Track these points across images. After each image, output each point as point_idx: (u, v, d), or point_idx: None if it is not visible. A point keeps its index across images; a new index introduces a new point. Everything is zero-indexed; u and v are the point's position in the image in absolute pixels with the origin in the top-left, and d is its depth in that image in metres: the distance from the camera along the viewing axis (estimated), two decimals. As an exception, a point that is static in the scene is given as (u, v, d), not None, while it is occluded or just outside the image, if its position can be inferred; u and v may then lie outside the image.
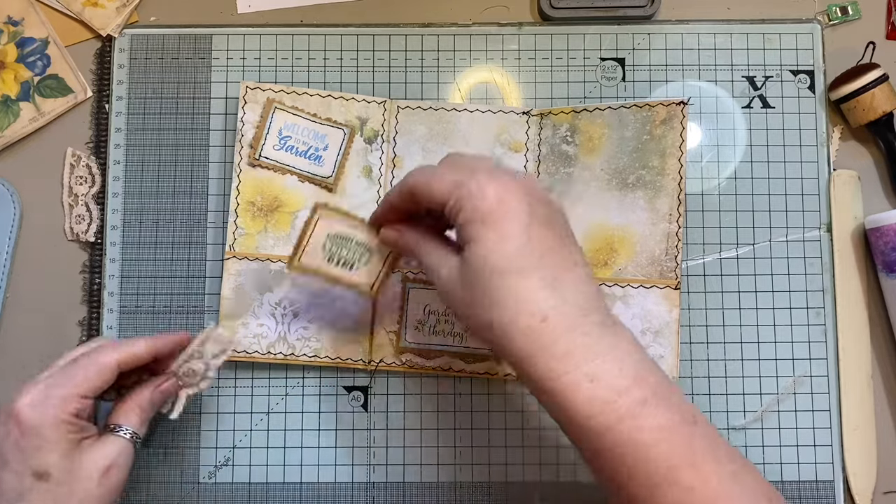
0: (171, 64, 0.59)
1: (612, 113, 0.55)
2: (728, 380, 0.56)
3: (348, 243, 0.48)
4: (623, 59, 0.59)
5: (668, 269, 0.53)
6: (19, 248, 0.57)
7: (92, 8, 0.59)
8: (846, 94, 0.56)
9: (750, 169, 0.58)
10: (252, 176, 0.56)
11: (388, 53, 0.59)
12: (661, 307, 0.53)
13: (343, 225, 0.48)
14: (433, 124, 0.57)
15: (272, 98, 0.56)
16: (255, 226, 0.55)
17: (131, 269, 0.57)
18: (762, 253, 0.57)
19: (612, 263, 0.54)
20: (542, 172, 0.56)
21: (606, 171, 0.55)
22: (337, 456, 0.55)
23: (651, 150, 0.54)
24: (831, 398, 0.56)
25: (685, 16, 0.59)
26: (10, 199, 0.57)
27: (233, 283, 0.55)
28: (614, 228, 0.54)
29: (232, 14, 0.59)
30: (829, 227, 0.57)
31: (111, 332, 0.56)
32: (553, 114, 0.57)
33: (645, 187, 0.54)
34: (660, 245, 0.54)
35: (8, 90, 0.58)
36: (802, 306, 0.56)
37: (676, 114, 0.54)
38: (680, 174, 0.54)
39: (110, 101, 0.58)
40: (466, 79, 0.59)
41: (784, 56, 0.58)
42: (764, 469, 0.55)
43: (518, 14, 0.59)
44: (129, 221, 0.57)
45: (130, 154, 0.58)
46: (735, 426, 0.56)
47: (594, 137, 0.55)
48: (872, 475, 0.55)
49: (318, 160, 0.56)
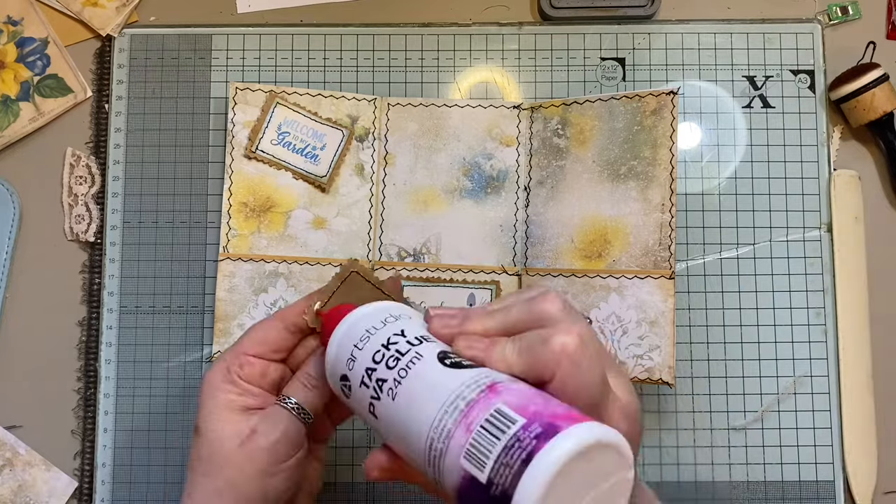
0: (171, 64, 0.59)
1: (603, 105, 0.55)
2: (728, 380, 0.56)
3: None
4: (623, 58, 0.59)
5: (661, 259, 0.53)
6: (19, 248, 0.57)
7: (92, 8, 0.59)
8: (846, 94, 0.56)
9: (750, 169, 0.58)
10: (244, 176, 0.56)
11: (387, 53, 0.59)
12: (655, 297, 0.53)
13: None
14: (424, 121, 0.57)
15: (275, 92, 0.56)
16: (247, 226, 0.55)
17: (131, 269, 0.57)
18: (762, 253, 0.57)
19: (606, 255, 0.54)
20: (535, 166, 0.56)
21: (598, 162, 0.55)
22: (337, 456, 0.55)
23: (642, 141, 0.54)
24: (831, 398, 0.56)
25: (685, 15, 0.59)
26: (10, 199, 0.57)
27: (227, 284, 0.55)
28: (607, 220, 0.54)
29: (232, 14, 0.59)
30: (830, 227, 0.57)
31: (111, 332, 0.56)
32: (544, 107, 0.57)
33: (637, 178, 0.54)
34: (653, 235, 0.53)
35: (8, 90, 0.58)
36: (803, 306, 0.56)
37: (666, 103, 0.54)
38: (671, 164, 0.53)
39: (110, 101, 0.58)
40: (466, 78, 0.59)
41: (784, 56, 0.58)
42: (764, 469, 0.55)
43: (518, 14, 0.59)
44: (128, 221, 0.57)
45: (130, 154, 0.58)
46: (735, 426, 0.55)
47: (585, 130, 0.55)
48: (873, 475, 0.55)
49: (315, 159, 0.56)
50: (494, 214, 0.56)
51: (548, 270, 0.55)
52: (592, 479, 0.29)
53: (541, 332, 0.34)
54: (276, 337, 0.43)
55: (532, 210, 0.56)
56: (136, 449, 0.55)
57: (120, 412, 0.56)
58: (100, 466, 0.55)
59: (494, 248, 0.56)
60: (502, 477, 0.28)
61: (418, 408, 0.32)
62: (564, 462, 0.28)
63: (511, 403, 0.30)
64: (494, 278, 0.56)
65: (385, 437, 0.35)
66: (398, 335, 0.36)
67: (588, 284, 0.54)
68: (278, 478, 0.41)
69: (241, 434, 0.41)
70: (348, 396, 0.37)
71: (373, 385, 0.35)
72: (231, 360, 0.42)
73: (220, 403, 0.42)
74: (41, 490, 0.55)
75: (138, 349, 0.56)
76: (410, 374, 0.34)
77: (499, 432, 0.29)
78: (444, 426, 0.31)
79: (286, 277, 0.55)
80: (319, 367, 0.43)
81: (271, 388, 0.43)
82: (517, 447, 0.28)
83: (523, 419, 0.29)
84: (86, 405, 0.56)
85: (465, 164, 0.57)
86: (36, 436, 0.56)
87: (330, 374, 0.38)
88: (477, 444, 0.30)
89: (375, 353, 0.35)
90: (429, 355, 0.34)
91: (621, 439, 0.29)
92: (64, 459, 0.56)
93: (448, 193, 0.57)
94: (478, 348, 0.35)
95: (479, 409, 0.31)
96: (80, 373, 0.56)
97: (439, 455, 0.31)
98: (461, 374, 0.33)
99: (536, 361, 0.33)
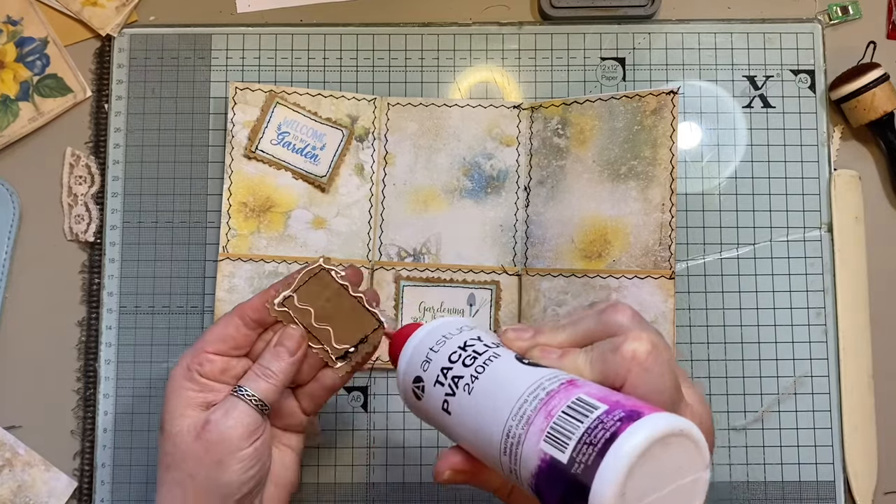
0: (171, 64, 0.58)
1: (603, 104, 0.55)
2: (728, 380, 0.56)
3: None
4: (623, 58, 0.59)
5: (662, 259, 0.53)
6: (19, 248, 0.57)
7: (91, 7, 0.58)
8: (847, 94, 0.56)
9: (750, 169, 0.57)
10: (244, 176, 0.56)
11: (387, 53, 0.59)
12: (655, 297, 0.53)
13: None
14: (424, 120, 0.57)
15: (275, 92, 0.56)
16: (247, 226, 0.55)
17: (131, 269, 0.57)
18: (763, 253, 0.57)
19: (607, 255, 0.54)
20: (535, 166, 0.56)
21: (598, 162, 0.55)
22: (337, 456, 0.55)
23: (642, 141, 0.54)
24: (832, 398, 0.56)
25: (685, 15, 0.59)
26: (10, 199, 0.57)
27: (227, 284, 0.55)
28: (608, 220, 0.54)
29: (231, 14, 0.59)
30: (830, 226, 0.57)
31: (111, 332, 0.56)
32: (544, 107, 0.57)
33: (637, 178, 0.54)
34: (653, 235, 0.53)
35: (7, 90, 0.58)
36: (803, 306, 0.56)
37: (666, 103, 0.54)
38: (671, 164, 0.53)
39: (109, 101, 0.58)
40: (466, 78, 0.59)
41: (785, 56, 0.58)
42: (764, 469, 0.55)
43: (518, 13, 0.59)
44: (128, 221, 0.57)
45: (130, 154, 0.58)
46: (735, 426, 0.55)
47: (585, 129, 0.55)
48: (873, 475, 0.55)
49: (314, 159, 0.56)
50: (494, 214, 0.56)
51: (548, 270, 0.55)
52: (671, 472, 0.29)
53: (612, 341, 0.34)
54: (236, 333, 0.44)
55: (532, 210, 0.56)
56: (135, 449, 0.55)
57: (120, 412, 0.56)
58: (99, 466, 0.55)
59: (494, 248, 0.56)
60: (584, 455, 0.28)
61: (496, 399, 0.33)
62: (649, 443, 0.28)
63: (592, 394, 0.31)
64: (494, 278, 0.56)
65: (457, 436, 0.36)
66: (475, 340, 0.37)
67: (588, 284, 0.53)
68: (236, 468, 0.42)
69: (196, 427, 0.42)
70: (420, 398, 0.37)
71: (448, 382, 0.35)
72: (191, 358, 0.44)
73: (182, 401, 0.43)
74: (41, 490, 0.55)
75: (138, 349, 0.56)
76: (488, 370, 0.34)
77: (582, 416, 0.30)
78: (524, 413, 0.31)
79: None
80: (275, 357, 0.44)
81: (234, 383, 0.44)
82: (601, 428, 0.29)
83: (606, 406, 0.30)
84: (85, 405, 0.56)
85: (465, 164, 0.57)
86: (35, 436, 0.56)
87: (402, 381, 0.39)
88: (559, 427, 0.30)
89: (452, 354, 0.36)
90: (506, 355, 0.35)
91: (702, 436, 0.30)
92: (63, 459, 0.56)
93: (448, 193, 0.56)
94: (551, 358, 0.35)
95: (560, 398, 0.31)
96: (80, 373, 0.56)
97: (517, 442, 0.31)
98: (540, 371, 0.33)
99: (608, 369, 0.33)
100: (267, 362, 0.44)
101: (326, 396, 0.47)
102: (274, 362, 0.44)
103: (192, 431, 0.42)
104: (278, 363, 0.44)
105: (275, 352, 0.44)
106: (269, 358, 0.44)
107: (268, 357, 0.44)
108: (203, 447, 0.42)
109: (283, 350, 0.44)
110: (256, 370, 0.44)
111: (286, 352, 0.44)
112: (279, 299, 0.44)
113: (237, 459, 0.42)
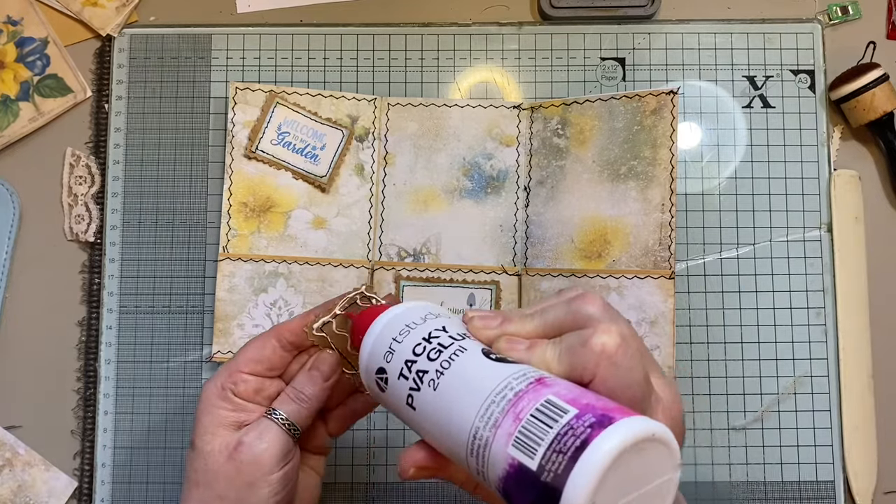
0: (171, 64, 0.58)
1: (603, 104, 0.55)
2: (728, 380, 0.56)
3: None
4: (623, 58, 0.59)
5: (661, 259, 0.53)
6: (19, 248, 0.57)
7: (91, 8, 0.59)
8: (846, 94, 0.56)
9: (750, 169, 0.57)
10: (244, 176, 0.56)
11: (387, 53, 0.59)
12: (655, 297, 0.53)
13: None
14: (424, 120, 0.57)
15: (275, 92, 0.56)
16: (247, 227, 0.55)
17: (131, 269, 0.57)
18: (762, 253, 0.57)
19: (606, 255, 0.54)
20: (535, 166, 0.56)
21: (598, 162, 0.55)
22: (337, 456, 0.55)
23: (642, 141, 0.54)
24: (832, 398, 0.56)
25: (685, 15, 0.59)
26: (10, 199, 0.57)
27: (227, 284, 0.55)
28: (607, 220, 0.54)
29: (231, 14, 0.59)
30: (830, 227, 0.57)
31: (111, 332, 0.56)
32: (544, 107, 0.57)
33: (637, 178, 0.54)
34: (653, 235, 0.53)
35: (7, 90, 0.58)
36: (803, 306, 0.56)
37: (666, 103, 0.54)
38: (671, 164, 0.53)
39: (110, 101, 0.58)
40: (466, 78, 0.59)
41: (784, 56, 0.58)
42: (764, 469, 0.55)
43: (518, 13, 0.59)
44: (128, 221, 0.57)
45: (130, 154, 0.58)
46: (735, 426, 0.55)
47: (585, 130, 0.55)
48: (873, 475, 0.55)
49: (315, 159, 0.56)
50: (494, 214, 0.56)
51: (548, 270, 0.55)
52: (641, 476, 0.28)
53: (580, 333, 0.33)
54: (271, 354, 0.44)
55: (532, 210, 0.56)
56: (135, 449, 0.55)
57: (120, 412, 0.56)
58: (99, 466, 0.55)
59: (494, 248, 0.56)
60: (554, 464, 0.28)
61: (462, 398, 0.32)
62: (620, 451, 0.27)
63: (562, 395, 0.30)
64: (494, 278, 0.56)
65: (422, 432, 0.35)
66: (439, 330, 0.35)
67: (588, 284, 0.54)
68: (266, 490, 0.41)
69: (229, 447, 0.42)
70: (384, 390, 0.36)
71: (412, 377, 0.34)
72: (226, 377, 0.43)
73: (214, 420, 0.43)
74: (41, 490, 0.55)
75: (138, 349, 0.56)
76: (454, 365, 0.33)
77: (551, 421, 0.29)
78: (491, 415, 0.30)
79: (286, 277, 0.55)
80: (309, 381, 0.43)
81: (268, 404, 0.44)
82: (570, 434, 0.28)
83: (576, 409, 0.29)
84: (85, 405, 0.56)
85: (465, 164, 0.57)
86: (35, 436, 0.56)
87: (365, 369, 0.38)
88: (527, 431, 0.29)
89: (416, 346, 0.35)
90: (473, 349, 0.34)
91: (673, 439, 0.29)
92: (63, 459, 0.56)
93: (448, 193, 0.56)
94: (518, 350, 0.34)
95: (528, 399, 0.30)
96: (80, 373, 0.56)
97: (484, 445, 0.30)
98: (508, 367, 0.32)
99: (577, 363, 0.33)
100: (301, 385, 0.43)
101: (354, 420, 0.46)
102: (308, 386, 0.43)
103: (225, 451, 0.42)
104: (312, 388, 0.43)
105: (309, 376, 0.44)
106: (304, 381, 0.44)
107: (302, 380, 0.44)
108: (235, 468, 0.41)
109: (317, 375, 0.44)
110: (290, 393, 0.43)
111: (321, 376, 0.44)
112: (318, 324, 0.44)
113: (268, 483, 0.41)
